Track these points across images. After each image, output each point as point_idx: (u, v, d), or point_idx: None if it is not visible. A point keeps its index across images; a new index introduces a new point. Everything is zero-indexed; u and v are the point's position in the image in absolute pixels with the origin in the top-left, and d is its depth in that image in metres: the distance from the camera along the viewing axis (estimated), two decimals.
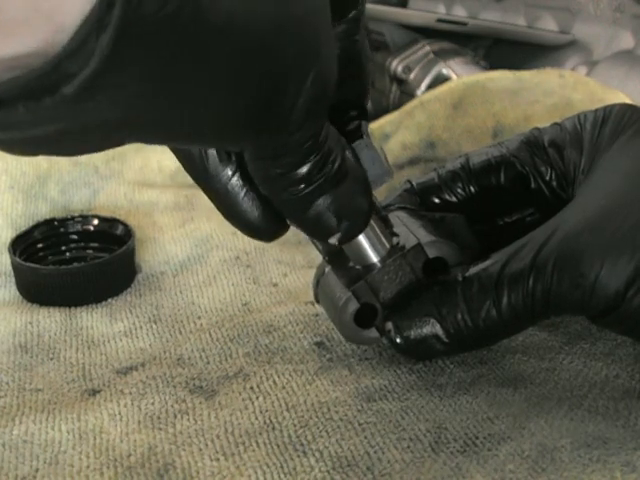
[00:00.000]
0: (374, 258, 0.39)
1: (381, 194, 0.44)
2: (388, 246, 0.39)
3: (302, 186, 0.32)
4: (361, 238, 0.38)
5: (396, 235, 0.40)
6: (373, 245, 0.39)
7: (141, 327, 0.45)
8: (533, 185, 0.42)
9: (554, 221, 0.37)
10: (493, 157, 0.43)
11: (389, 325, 0.38)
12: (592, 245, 0.34)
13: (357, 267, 0.39)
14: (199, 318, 0.46)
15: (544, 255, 0.35)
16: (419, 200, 0.43)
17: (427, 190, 0.43)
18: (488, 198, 0.43)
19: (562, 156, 0.41)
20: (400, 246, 0.39)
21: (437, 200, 0.43)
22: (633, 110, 0.40)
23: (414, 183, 0.44)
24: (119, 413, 0.37)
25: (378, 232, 0.39)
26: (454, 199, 0.43)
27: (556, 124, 0.43)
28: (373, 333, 0.40)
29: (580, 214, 0.36)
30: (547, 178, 0.42)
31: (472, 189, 0.43)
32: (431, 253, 0.39)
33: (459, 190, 0.43)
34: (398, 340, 0.38)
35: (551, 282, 0.35)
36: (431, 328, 0.37)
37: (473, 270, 0.37)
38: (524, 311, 0.36)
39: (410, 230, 0.40)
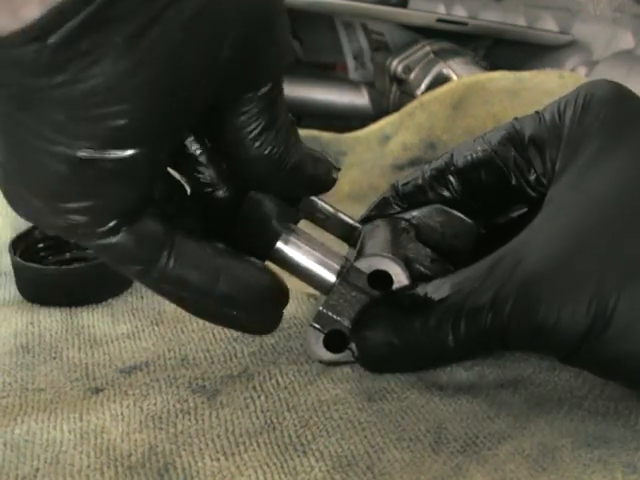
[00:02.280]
0: (330, 283, 0.39)
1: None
2: (338, 268, 0.39)
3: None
4: (309, 266, 0.39)
5: (356, 253, 0.40)
6: (324, 271, 0.39)
7: (143, 330, 0.45)
8: (514, 182, 0.41)
9: (518, 248, 0.36)
10: (475, 155, 0.42)
11: (353, 346, 0.39)
12: (549, 294, 0.34)
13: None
14: None
15: (503, 297, 0.34)
16: (402, 203, 0.43)
17: (412, 191, 0.43)
18: (474, 196, 0.42)
19: (543, 156, 0.40)
20: (347, 266, 0.39)
21: (423, 200, 0.43)
22: (613, 100, 0.39)
23: (397, 185, 0.44)
24: (121, 413, 0.37)
25: (322, 257, 0.39)
26: (440, 199, 0.43)
27: (537, 114, 0.42)
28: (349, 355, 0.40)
29: (541, 250, 0.35)
30: (528, 177, 0.41)
31: (457, 188, 0.42)
32: (367, 269, 0.39)
33: (444, 189, 0.43)
34: (362, 360, 0.39)
35: (508, 325, 0.34)
36: (390, 352, 0.38)
37: (433, 296, 0.37)
38: (480, 345, 0.36)
39: (361, 246, 0.40)
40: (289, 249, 0.39)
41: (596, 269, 0.33)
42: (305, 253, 0.39)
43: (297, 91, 0.83)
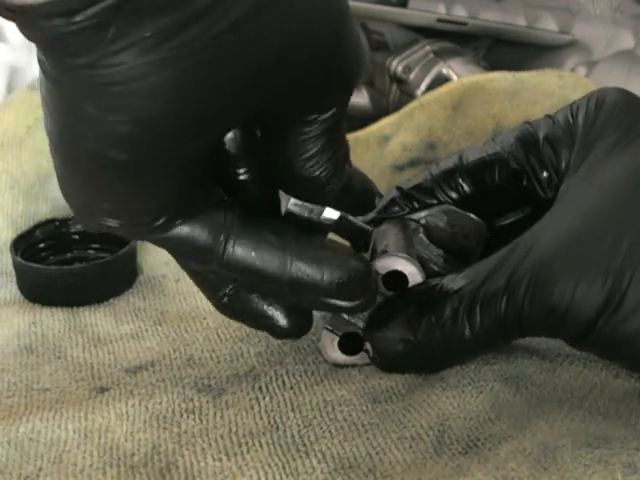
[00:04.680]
0: None
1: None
2: None
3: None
4: None
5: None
6: None
7: (147, 330, 0.45)
8: (526, 183, 0.42)
9: (530, 237, 0.36)
10: (487, 155, 0.42)
11: (368, 346, 0.39)
12: (563, 272, 0.34)
13: None
14: (205, 319, 0.46)
15: (517, 279, 0.35)
16: (411, 205, 0.43)
17: (419, 192, 0.43)
18: (482, 198, 0.43)
19: (557, 155, 0.41)
20: None
21: (431, 201, 0.43)
22: (623, 102, 0.40)
23: (405, 187, 0.43)
24: (126, 412, 0.37)
25: None
26: (448, 200, 0.43)
27: (549, 117, 0.42)
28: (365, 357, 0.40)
29: (554, 234, 0.36)
30: (540, 177, 0.41)
31: (466, 189, 0.43)
32: (382, 269, 0.39)
33: (453, 191, 0.43)
34: (378, 360, 0.39)
35: (523, 307, 0.35)
36: (407, 349, 0.38)
37: (448, 287, 0.37)
38: (497, 333, 0.36)
39: (373, 247, 0.40)
40: None
41: (609, 247, 0.34)
42: None
43: None
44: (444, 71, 0.79)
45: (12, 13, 0.27)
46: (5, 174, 0.58)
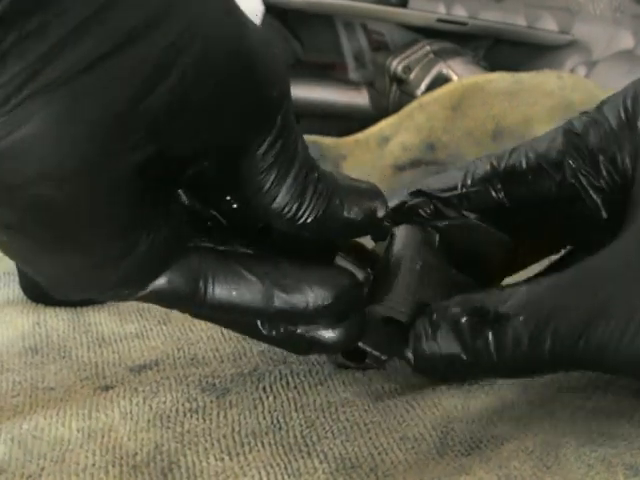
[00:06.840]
0: None
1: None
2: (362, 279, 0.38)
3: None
4: None
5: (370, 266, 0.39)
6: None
7: (151, 329, 0.45)
8: (576, 203, 0.37)
9: (596, 277, 0.33)
10: (527, 165, 0.38)
11: (409, 355, 0.37)
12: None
13: None
14: None
15: (599, 322, 0.32)
16: (435, 210, 0.40)
17: (445, 201, 0.40)
18: (517, 213, 0.39)
19: (616, 167, 0.36)
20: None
21: (455, 211, 0.40)
22: None
23: (433, 192, 0.40)
24: (130, 411, 0.37)
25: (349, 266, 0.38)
26: (476, 211, 0.40)
27: (591, 118, 0.38)
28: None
29: (627, 289, 0.32)
30: (594, 194, 0.37)
31: (503, 202, 0.39)
32: (376, 315, 0.37)
33: (486, 205, 0.40)
34: (419, 370, 0.37)
35: (581, 363, 0.33)
36: (455, 367, 0.36)
37: (505, 309, 0.34)
38: (547, 369, 0.35)
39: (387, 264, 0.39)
40: None
41: None
42: None
43: (297, 91, 0.83)
44: (444, 71, 0.79)
45: None
46: None
